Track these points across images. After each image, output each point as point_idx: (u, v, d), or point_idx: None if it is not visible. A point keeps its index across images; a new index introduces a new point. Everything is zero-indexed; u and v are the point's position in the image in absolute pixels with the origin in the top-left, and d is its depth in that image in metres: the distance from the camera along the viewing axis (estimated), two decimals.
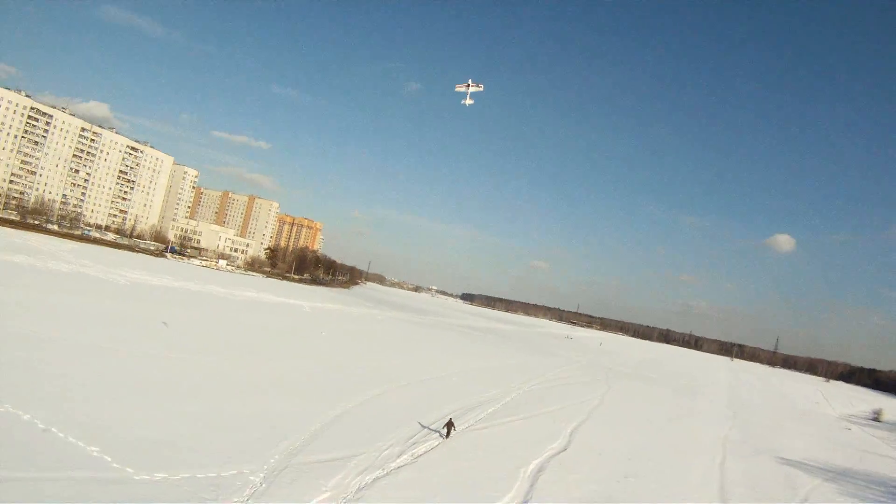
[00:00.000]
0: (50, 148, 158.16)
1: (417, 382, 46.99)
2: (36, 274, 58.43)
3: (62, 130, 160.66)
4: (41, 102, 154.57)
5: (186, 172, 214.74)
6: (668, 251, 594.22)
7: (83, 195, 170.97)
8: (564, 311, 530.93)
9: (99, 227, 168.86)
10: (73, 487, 16.63)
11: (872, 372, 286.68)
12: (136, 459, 19.45)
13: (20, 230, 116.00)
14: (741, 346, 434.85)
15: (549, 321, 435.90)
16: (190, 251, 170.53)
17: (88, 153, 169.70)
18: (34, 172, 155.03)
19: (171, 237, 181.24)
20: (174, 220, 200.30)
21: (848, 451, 55.98)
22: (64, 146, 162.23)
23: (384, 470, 23.58)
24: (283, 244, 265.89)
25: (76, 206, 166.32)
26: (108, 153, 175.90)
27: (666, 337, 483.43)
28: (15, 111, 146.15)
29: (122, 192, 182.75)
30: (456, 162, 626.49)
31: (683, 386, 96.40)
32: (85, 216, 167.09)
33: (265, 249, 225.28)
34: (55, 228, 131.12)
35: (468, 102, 53.51)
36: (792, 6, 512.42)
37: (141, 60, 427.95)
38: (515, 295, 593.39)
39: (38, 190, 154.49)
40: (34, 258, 69.43)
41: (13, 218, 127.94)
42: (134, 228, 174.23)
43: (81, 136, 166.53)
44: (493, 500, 22.65)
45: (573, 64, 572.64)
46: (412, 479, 23.24)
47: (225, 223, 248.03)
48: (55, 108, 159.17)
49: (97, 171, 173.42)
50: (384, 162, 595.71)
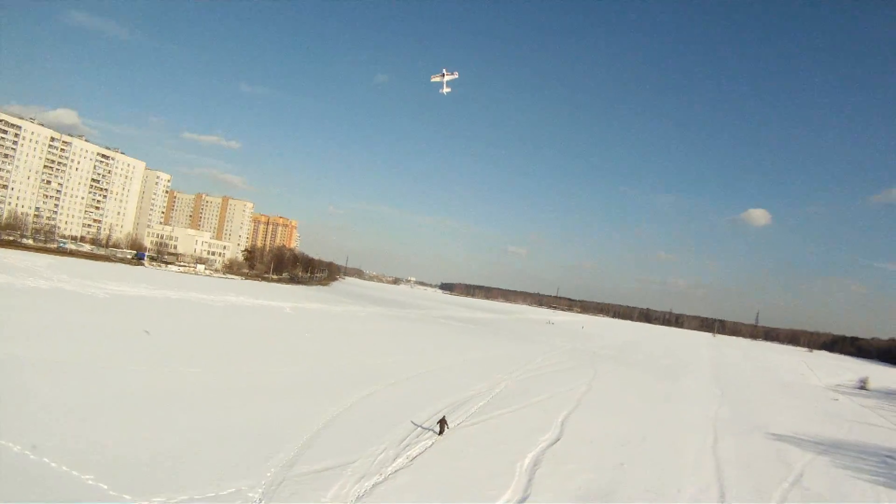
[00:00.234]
0: (20, 160, 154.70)
1: (405, 380, 46.96)
2: (13, 294, 57.02)
3: (31, 141, 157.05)
4: (9, 114, 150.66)
5: (159, 177, 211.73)
6: (643, 231, 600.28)
7: (56, 206, 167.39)
8: (544, 295, 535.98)
9: (74, 238, 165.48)
10: None
11: (855, 340, 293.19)
12: (132, 485, 19.15)
13: None
14: (722, 321, 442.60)
15: (529, 307, 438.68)
16: (167, 257, 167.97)
17: (59, 163, 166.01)
18: (5, 186, 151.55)
19: (147, 244, 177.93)
20: (149, 226, 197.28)
21: (837, 422, 57.06)
22: (34, 157, 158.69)
23: (381, 475, 23.54)
24: (259, 244, 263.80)
25: (50, 218, 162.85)
26: (79, 162, 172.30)
27: (646, 316, 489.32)
28: None
29: (95, 201, 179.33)
30: (428, 152, 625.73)
31: (668, 366, 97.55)
32: (59, 228, 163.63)
33: (242, 251, 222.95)
34: (30, 243, 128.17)
35: (445, 91, 54.69)
36: None
37: (107, 64, 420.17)
38: (494, 282, 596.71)
39: (10, 204, 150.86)
40: (11, 276, 67.85)
41: None
42: (109, 238, 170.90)
43: (51, 146, 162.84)
44: (492, 499, 22.74)
45: (542, 49, 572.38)
46: (410, 482, 23.24)
47: (200, 226, 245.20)
48: (23, 118, 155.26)
49: (69, 181, 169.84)
50: (356, 155, 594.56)
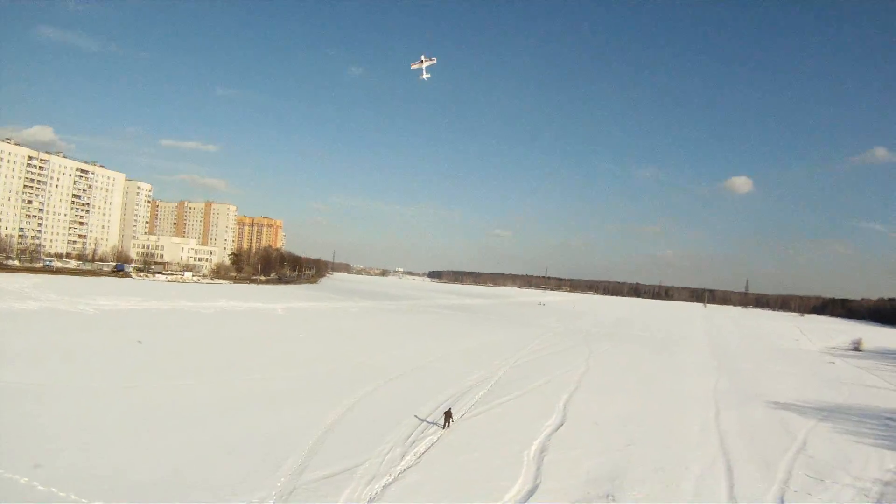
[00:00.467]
0: (0, 182, 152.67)
1: (403, 374, 46.91)
2: (3, 318, 56.14)
3: (9, 162, 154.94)
4: None
5: (140, 187, 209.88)
6: (627, 205, 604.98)
7: (40, 225, 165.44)
8: (532, 276, 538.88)
9: (60, 255, 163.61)
10: None
11: (845, 302, 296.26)
12: None
13: None
14: (712, 290, 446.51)
15: (519, 289, 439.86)
16: (154, 267, 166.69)
17: (39, 181, 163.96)
18: None
19: (133, 255, 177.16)
20: (134, 237, 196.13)
21: (835, 386, 57.40)
22: (13, 178, 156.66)
23: (391, 476, 23.39)
24: (245, 246, 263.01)
25: (34, 237, 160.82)
26: (58, 179, 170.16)
27: (636, 290, 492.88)
28: None
29: (78, 216, 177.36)
30: (407, 141, 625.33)
31: (662, 340, 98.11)
32: (44, 247, 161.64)
33: (229, 255, 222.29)
34: (16, 264, 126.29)
35: (425, 77, 55.60)
36: None
37: (80, 78, 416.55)
38: (482, 266, 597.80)
39: None
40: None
41: None
42: (95, 252, 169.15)
43: (30, 164, 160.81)
44: (504, 490, 22.67)
45: (515, 30, 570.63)
46: (421, 480, 23.13)
47: (185, 233, 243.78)
48: None
49: (50, 198, 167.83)
50: (336, 150, 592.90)
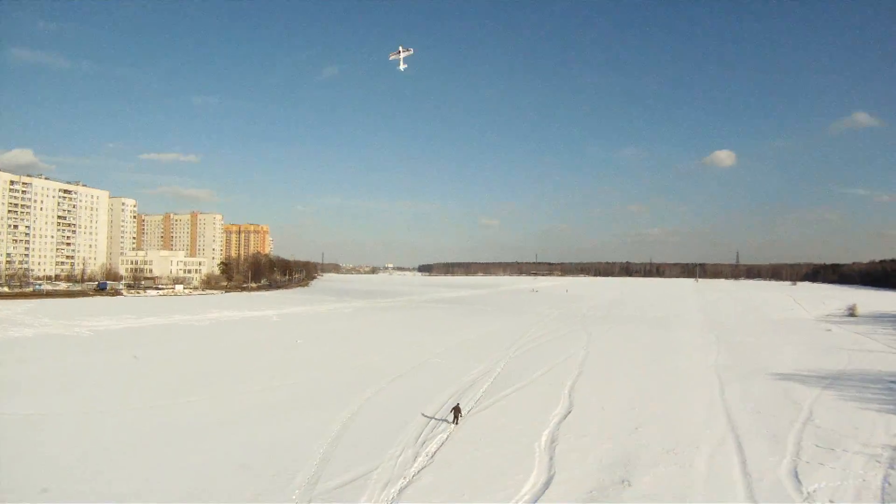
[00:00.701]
0: None
1: (405, 373, 46.94)
2: (0, 347, 55.47)
3: None
4: None
5: (125, 203, 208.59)
6: (613, 186, 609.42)
7: (27, 249, 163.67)
8: (523, 263, 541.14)
9: (49, 278, 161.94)
10: None
11: (836, 267, 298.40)
12: None
13: None
14: (703, 265, 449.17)
15: (510, 277, 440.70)
16: (144, 282, 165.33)
17: (23, 206, 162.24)
18: None
19: (122, 272, 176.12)
20: (122, 254, 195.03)
21: (835, 353, 57.66)
22: None
23: (406, 478, 23.31)
24: (234, 254, 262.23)
25: (22, 262, 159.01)
26: (42, 201, 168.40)
27: (627, 270, 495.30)
28: None
29: (64, 237, 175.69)
30: (388, 138, 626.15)
31: (658, 319, 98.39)
32: (33, 270, 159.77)
33: (218, 264, 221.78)
34: (6, 290, 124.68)
35: (402, 67, 56.23)
36: None
37: (56, 97, 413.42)
38: (472, 257, 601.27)
39: None
40: None
41: None
42: (84, 272, 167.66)
43: (12, 189, 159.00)
44: (520, 484, 22.68)
45: (490, 16, 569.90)
46: (436, 481, 23.07)
47: (172, 246, 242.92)
48: None
49: (35, 221, 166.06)
50: (316, 151, 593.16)
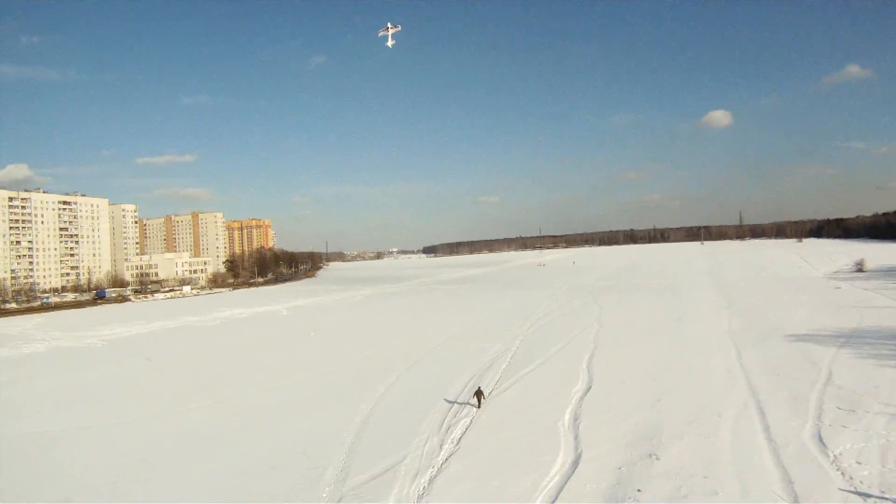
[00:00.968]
0: None
1: (421, 358, 46.97)
2: (13, 365, 55.38)
3: None
4: None
5: (125, 209, 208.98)
6: (610, 154, 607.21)
7: (31, 264, 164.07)
8: (527, 237, 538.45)
9: (56, 290, 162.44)
10: None
11: (840, 222, 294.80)
12: None
13: None
14: (707, 227, 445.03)
15: (515, 252, 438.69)
16: (151, 286, 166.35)
17: (24, 221, 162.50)
18: None
19: (127, 277, 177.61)
20: (126, 259, 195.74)
21: (847, 311, 56.65)
22: None
23: (434, 468, 23.31)
24: (238, 251, 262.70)
25: (27, 277, 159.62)
26: (42, 215, 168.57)
27: (632, 237, 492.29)
28: None
29: (68, 248, 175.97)
30: (382, 122, 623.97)
31: (668, 286, 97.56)
32: (39, 284, 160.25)
33: (223, 262, 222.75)
34: (14, 307, 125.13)
35: (390, 44, 57.27)
36: None
37: (46, 110, 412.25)
38: (476, 235, 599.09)
39: None
40: (5, 348, 65.70)
41: None
42: (90, 281, 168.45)
43: (11, 205, 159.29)
44: (549, 464, 22.65)
45: None
46: (465, 467, 23.07)
47: (176, 248, 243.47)
48: None
49: (37, 235, 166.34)
50: (311, 141, 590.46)
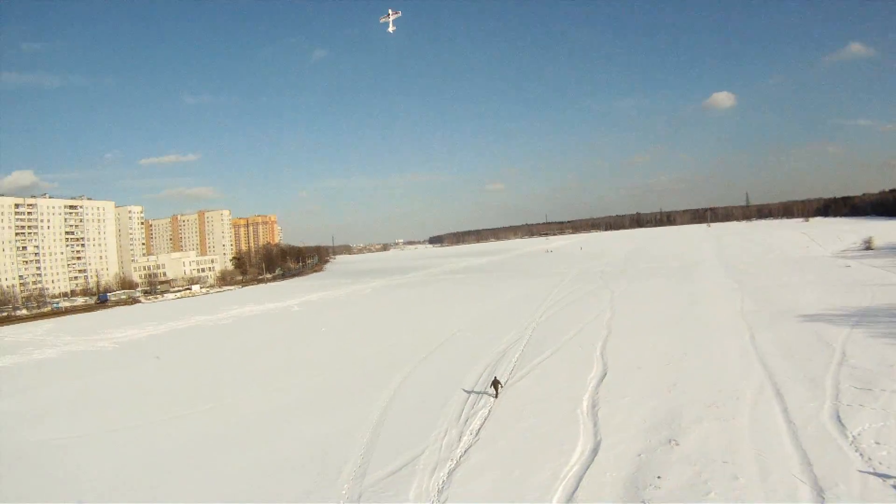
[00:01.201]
0: None
1: (435, 349, 46.92)
2: (26, 372, 55.49)
3: None
4: None
5: (131, 211, 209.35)
6: (614, 138, 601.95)
7: (39, 269, 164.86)
8: (534, 224, 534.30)
9: (65, 294, 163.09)
10: None
11: (847, 200, 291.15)
12: None
13: None
14: (713, 209, 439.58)
15: (522, 239, 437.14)
16: (160, 287, 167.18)
17: (30, 227, 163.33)
18: None
19: (135, 279, 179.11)
20: (134, 261, 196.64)
21: (857, 289, 55.97)
22: (4, 228, 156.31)
23: (453, 460, 23.23)
24: (245, 248, 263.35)
25: (36, 282, 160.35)
26: (48, 220, 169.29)
27: (638, 221, 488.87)
28: None
29: (74, 252, 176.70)
30: (385, 113, 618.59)
31: (677, 268, 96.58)
32: (48, 289, 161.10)
33: (231, 259, 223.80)
34: (25, 313, 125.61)
35: (391, 30, 59.00)
36: None
37: (49, 116, 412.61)
38: (482, 223, 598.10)
39: None
40: (17, 355, 65.77)
41: None
42: (99, 284, 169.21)
43: (17, 212, 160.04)
44: (569, 453, 22.60)
45: None
46: (484, 459, 23.00)
47: (182, 247, 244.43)
48: None
49: (44, 241, 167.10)
50: (314, 135, 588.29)
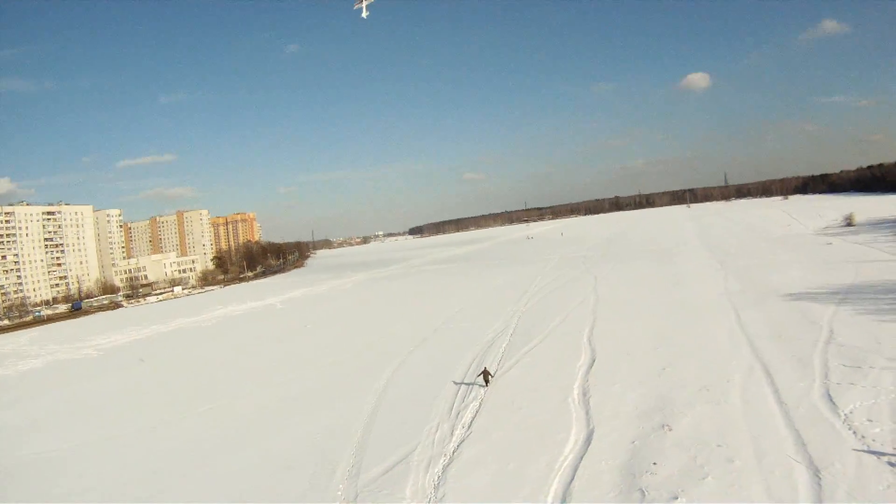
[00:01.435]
0: None
1: (421, 343, 46.75)
2: (12, 384, 54.24)
3: None
4: None
5: (109, 215, 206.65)
6: (590, 122, 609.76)
7: (19, 278, 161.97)
8: (513, 211, 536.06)
9: (47, 302, 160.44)
10: None
11: (826, 177, 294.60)
12: None
13: None
14: (692, 190, 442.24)
15: (503, 227, 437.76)
16: (142, 290, 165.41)
17: (8, 235, 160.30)
18: None
19: (117, 282, 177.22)
20: (114, 265, 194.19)
21: (841, 266, 56.19)
22: None
23: (447, 455, 23.14)
24: (225, 247, 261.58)
25: (16, 291, 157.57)
26: (27, 227, 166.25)
27: (617, 204, 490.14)
28: None
29: (54, 259, 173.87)
30: (360, 105, 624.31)
31: (658, 251, 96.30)
32: (29, 297, 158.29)
33: (211, 259, 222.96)
34: (6, 323, 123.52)
35: (365, 14, 57.34)
36: None
37: (24, 122, 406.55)
38: (462, 212, 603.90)
39: None
40: (1, 367, 64.53)
41: None
42: (80, 290, 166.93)
43: None
44: (562, 443, 22.60)
45: None
46: (478, 453, 22.94)
47: (162, 249, 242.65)
48: None
49: (23, 248, 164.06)
50: (290, 131, 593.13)
